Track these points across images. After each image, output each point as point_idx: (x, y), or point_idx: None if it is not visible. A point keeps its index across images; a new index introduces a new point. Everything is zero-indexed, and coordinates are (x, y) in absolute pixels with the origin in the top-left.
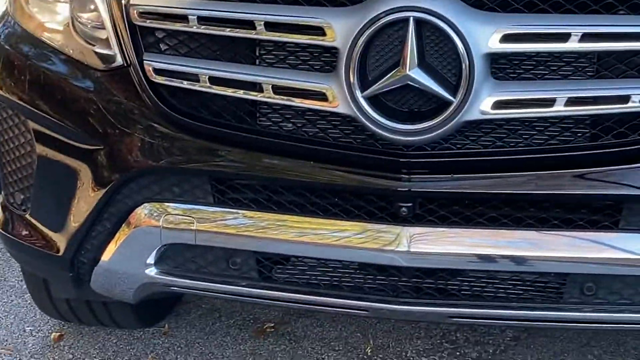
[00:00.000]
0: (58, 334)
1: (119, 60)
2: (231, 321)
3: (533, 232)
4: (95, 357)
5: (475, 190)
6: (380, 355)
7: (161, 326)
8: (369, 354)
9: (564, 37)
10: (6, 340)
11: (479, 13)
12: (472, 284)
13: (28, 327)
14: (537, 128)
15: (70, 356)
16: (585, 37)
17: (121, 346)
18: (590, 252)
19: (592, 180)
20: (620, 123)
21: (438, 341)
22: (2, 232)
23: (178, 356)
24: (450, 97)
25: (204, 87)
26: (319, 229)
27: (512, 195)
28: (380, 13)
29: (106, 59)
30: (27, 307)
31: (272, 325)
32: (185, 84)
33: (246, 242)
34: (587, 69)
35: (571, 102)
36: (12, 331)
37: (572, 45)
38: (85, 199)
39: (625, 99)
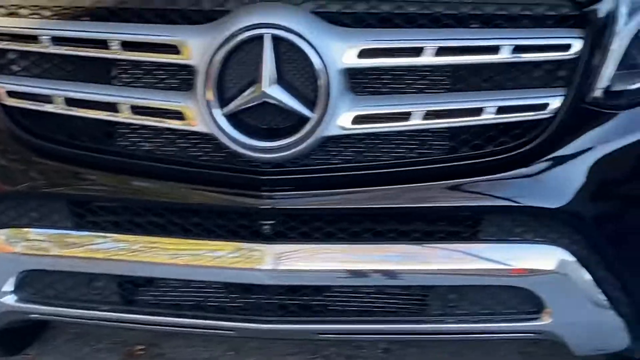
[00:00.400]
0: None
1: None
2: (100, 345)
3: (395, 245)
4: None
5: (337, 205)
6: None
7: (27, 354)
8: None
9: (418, 51)
10: None
11: (335, 29)
12: (337, 299)
13: None
14: (396, 142)
15: None
16: (440, 51)
17: None
18: (452, 264)
19: (451, 192)
20: (476, 135)
21: (311, 357)
22: None
23: None
24: (309, 113)
25: (58, 108)
26: (181, 250)
27: (373, 210)
28: (236, 31)
29: None
30: None
31: (142, 347)
32: (39, 106)
33: (107, 265)
34: (442, 83)
35: (428, 115)
36: None
37: (427, 59)
38: None
39: (478, 111)
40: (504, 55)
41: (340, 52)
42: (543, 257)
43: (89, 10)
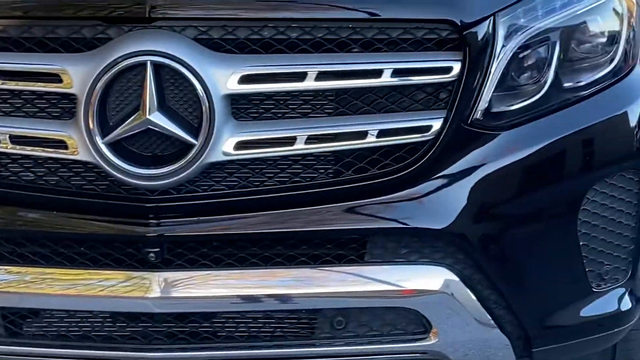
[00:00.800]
0: None
1: None
2: None
3: (282, 270)
4: None
5: (224, 231)
6: None
7: None
8: None
9: (301, 76)
10: None
11: (217, 55)
12: (225, 325)
13: None
14: (282, 167)
15: None
16: (321, 75)
17: None
18: (338, 287)
19: (336, 215)
20: (360, 158)
21: None
22: None
23: None
24: (192, 140)
25: None
26: (70, 281)
27: (260, 235)
28: (117, 58)
29: None
30: None
31: None
32: None
33: None
34: (326, 107)
35: (311, 139)
36: None
37: (309, 83)
38: None
39: (361, 134)
40: (386, 79)
41: (222, 78)
42: (427, 278)
43: None
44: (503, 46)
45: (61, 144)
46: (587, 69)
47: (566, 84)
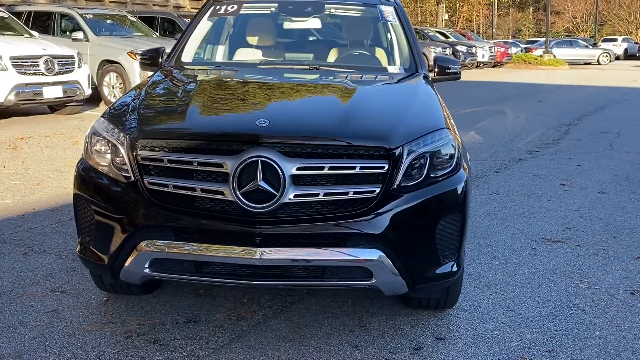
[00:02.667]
0: (106, 298)
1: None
2: None
3: (310, 248)
4: (122, 307)
5: (287, 231)
6: None
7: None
8: None
9: (320, 168)
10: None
11: (288, 158)
12: (285, 270)
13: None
14: (312, 205)
15: (111, 309)
16: (330, 168)
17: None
18: (336, 257)
19: (334, 227)
20: (345, 203)
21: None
22: (80, 254)
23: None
24: (276, 192)
25: (177, 189)
26: (219, 249)
27: (303, 234)
28: (246, 158)
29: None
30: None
31: None
32: (168, 189)
33: (190, 257)
34: (331, 180)
35: (326, 194)
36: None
37: (325, 172)
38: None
39: (346, 192)
40: (357, 170)
41: (290, 168)
42: (372, 254)
43: (184, 148)
44: (406, 158)
45: (220, 193)
46: (440, 169)
47: (431, 175)
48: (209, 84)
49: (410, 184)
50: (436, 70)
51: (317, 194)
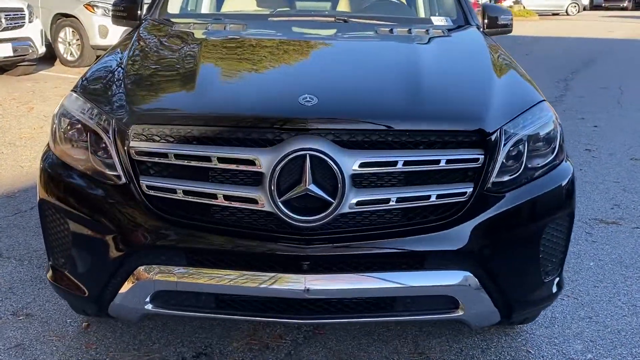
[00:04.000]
0: (86, 323)
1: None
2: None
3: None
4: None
5: (345, 252)
6: None
7: None
8: None
9: (393, 164)
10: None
11: (346, 151)
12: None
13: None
14: (381, 215)
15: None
16: (406, 163)
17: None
18: (411, 283)
19: (409, 243)
20: (424, 210)
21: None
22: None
23: None
24: (331, 200)
25: (179, 197)
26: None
27: (369, 254)
28: (289, 152)
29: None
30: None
31: None
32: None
33: (207, 287)
34: (407, 180)
35: (399, 200)
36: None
37: (399, 168)
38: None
39: (428, 197)
40: (442, 165)
41: (349, 164)
42: (459, 277)
43: (197, 137)
44: (504, 145)
45: (252, 201)
46: (539, 156)
47: (529, 166)
48: (217, 44)
49: (505, 179)
50: (486, 22)
51: (388, 200)
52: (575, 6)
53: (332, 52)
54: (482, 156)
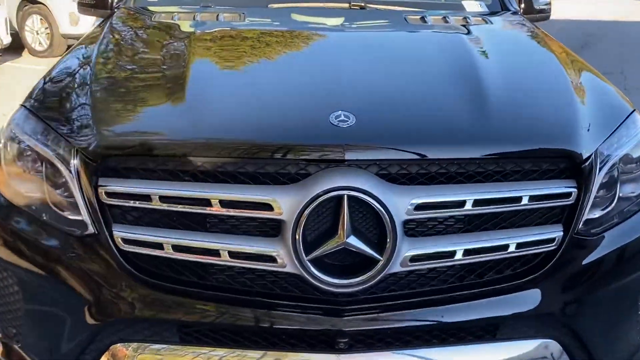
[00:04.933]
0: None
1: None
2: None
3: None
4: None
5: (396, 325)
6: None
7: None
8: None
9: (461, 204)
10: None
11: (396, 188)
12: None
13: None
14: (443, 274)
15: None
16: (476, 203)
17: None
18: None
19: (475, 309)
20: (499, 264)
21: None
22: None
23: None
24: (378, 257)
25: (167, 254)
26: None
27: (425, 327)
28: (320, 192)
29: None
30: None
31: None
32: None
33: None
34: (477, 225)
35: (468, 253)
36: None
37: (467, 209)
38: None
39: (505, 247)
40: (524, 204)
41: (401, 207)
42: (544, 349)
43: (191, 172)
44: (599, 171)
45: (269, 259)
46: (632, 181)
47: (623, 195)
48: (210, 40)
49: (596, 215)
50: (522, 7)
51: (452, 254)
52: None
53: (361, 51)
54: (575, 189)
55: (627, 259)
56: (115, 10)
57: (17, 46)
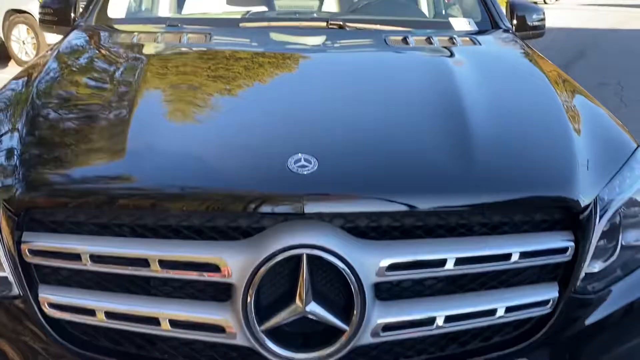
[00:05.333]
0: None
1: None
2: None
3: None
4: None
5: None
6: None
7: None
8: None
9: (441, 263)
10: None
11: (366, 244)
12: None
13: None
14: (421, 343)
15: None
16: (459, 261)
17: None
18: None
19: None
20: (489, 330)
21: None
22: None
23: None
24: (344, 326)
25: (99, 321)
26: None
27: None
28: (276, 251)
29: None
30: None
31: None
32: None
33: None
34: (460, 286)
35: (449, 319)
36: None
37: (448, 268)
38: None
39: (493, 312)
40: (513, 261)
41: (371, 267)
42: None
43: (127, 226)
44: (599, 220)
45: (217, 329)
46: (635, 228)
47: (626, 244)
48: (165, 67)
49: (596, 269)
50: (514, 23)
51: (432, 321)
52: None
53: (333, 79)
54: (572, 243)
55: (634, 320)
56: (78, 27)
57: (3, 56)
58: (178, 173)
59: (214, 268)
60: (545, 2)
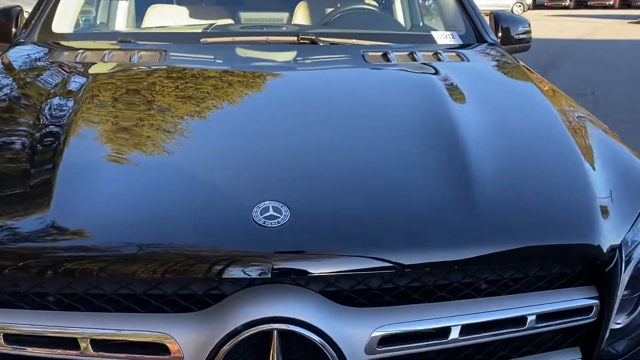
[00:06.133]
0: None
1: None
2: None
3: None
4: None
5: None
6: None
7: None
8: None
9: (444, 332)
10: None
11: (351, 312)
12: None
13: None
14: None
15: None
16: (466, 330)
17: None
18: None
19: None
20: None
21: None
22: None
23: None
24: None
25: None
26: None
27: None
28: (239, 326)
29: None
30: None
31: None
32: None
33: None
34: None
35: None
36: None
37: (453, 338)
38: None
39: None
40: (526, 327)
41: (358, 343)
42: None
43: (52, 296)
44: (625, 268)
45: None
46: None
47: None
48: (107, 94)
49: (620, 324)
50: (499, 35)
51: None
52: (520, 6)
53: (306, 106)
54: (597, 300)
55: None
56: (18, 43)
57: None
58: (114, 228)
59: (161, 349)
60: (512, 13)
